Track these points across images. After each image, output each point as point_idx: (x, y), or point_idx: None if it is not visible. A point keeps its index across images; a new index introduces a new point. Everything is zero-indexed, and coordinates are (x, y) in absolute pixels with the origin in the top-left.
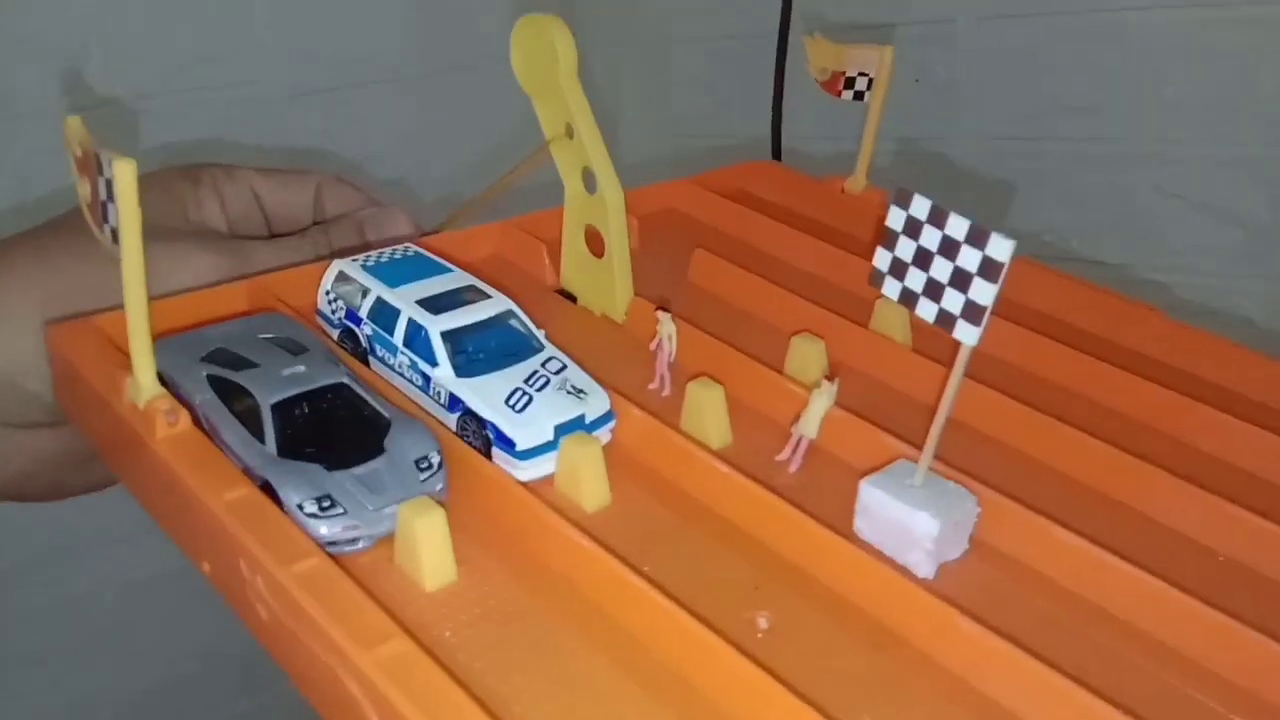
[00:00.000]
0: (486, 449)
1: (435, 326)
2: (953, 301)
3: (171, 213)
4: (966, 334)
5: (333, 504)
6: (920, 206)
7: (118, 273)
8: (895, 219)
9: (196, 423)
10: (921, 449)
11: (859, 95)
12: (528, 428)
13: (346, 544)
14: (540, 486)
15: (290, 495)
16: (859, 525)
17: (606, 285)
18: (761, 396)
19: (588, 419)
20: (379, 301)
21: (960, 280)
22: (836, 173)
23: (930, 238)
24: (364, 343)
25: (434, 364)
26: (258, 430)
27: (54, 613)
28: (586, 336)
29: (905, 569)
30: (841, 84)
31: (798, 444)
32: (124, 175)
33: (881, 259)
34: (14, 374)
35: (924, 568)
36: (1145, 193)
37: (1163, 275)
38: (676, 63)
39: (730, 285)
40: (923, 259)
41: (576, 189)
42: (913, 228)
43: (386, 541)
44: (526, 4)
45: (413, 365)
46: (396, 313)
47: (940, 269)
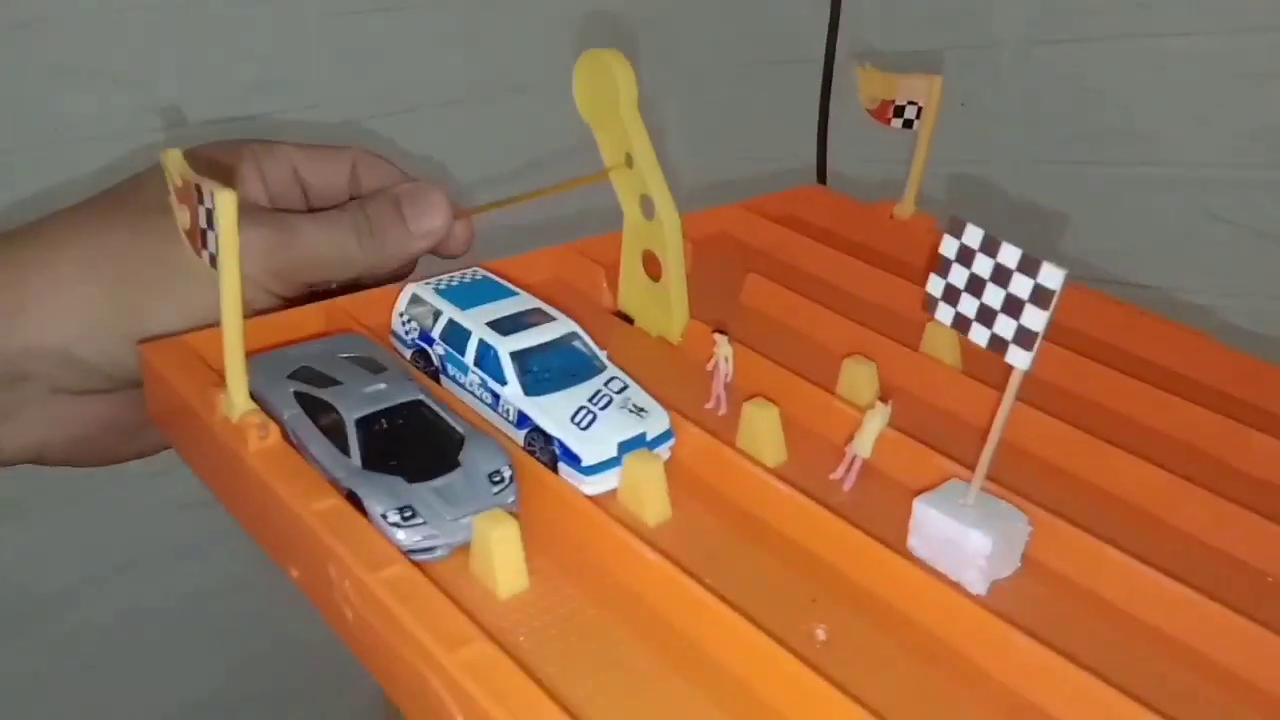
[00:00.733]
0: (553, 464)
1: (505, 347)
2: (1005, 327)
3: None
4: (1019, 359)
5: (414, 514)
6: (973, 235)
7: (168, 248)
8: (949, 247)
9: (285, 437)
10: (973, 469)
11: (908, 124)
12: (593, 444)
13: (425, 552)
14: (604, 501)
15: (375, 505)
16: (913, 543)
17: (663, 308)
18: (815, 417)
19: (649, 436)
20: (450, 323)
21: (1012, 307)
22: (881, 196)
23: (983, 265)
24: (436, 362)
25: (503, 383)
26: (342, 444)
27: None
28: (644, 357)
29: (959, 585)
30: (891, 112)
31: (851, 463)
32: (225, 205)
33: (935, 285)
34: (70, 345)
35: (977, 585)
36: (1192, 216)
37: (1209, 299)
38: (721, 88)
39: (782, 308)
40: (975, 286)
41: (635, 215)
42: (965, 256)
43: (461, 551)
44: (585, 35)
45: (483, 384)
46: (467, 334)
47: (993, 296)
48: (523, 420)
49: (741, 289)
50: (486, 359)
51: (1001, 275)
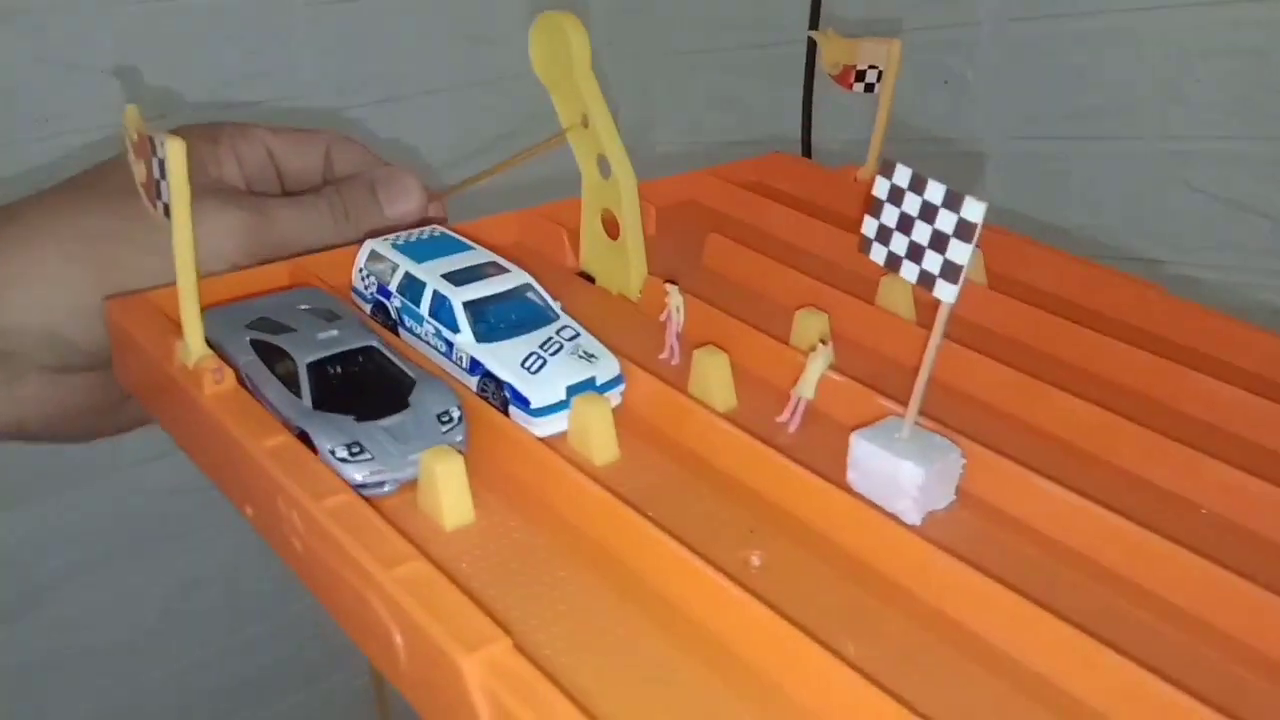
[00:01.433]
0: (504, 408)
1: (458, 297)
2: (932, 263)
3: (193, 171)
4: (945, 292)
5: (362, 450)
6: (902, 175)
7: (146, 227)
8: (880, 188)
9: (240, 382)
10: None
11: (869, 88)
12: (542, 387)
13: (374, 487)
14: (554, 442)
15: (324, 442)
16: (851, 477)
17: (621, 265)
18: (766, 365)
19: (598, 381)
20: (407, 276)
21: (939, 242)
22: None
23: (911, 204)
24: (394, 314)
25: (456, 330)
26: (295, 388)
27: (111, 608)
28: (603, 313)
29: (894, 516)
30: (853, 77)
31: (796, 405)
32: (175, 153)
33: (869, 226)
34: (51, 323)
35: (911, 515)
36: (1171, 189)
37: (1191, 269)
38: (707, 70)
39: (742, 267)
40: (905, 224)
41: (592, 175)
42: (896, 195)
43: (410, 488)
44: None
45: (437, 333)
46: (423, 285)
47: (921, 232)
48: (475, 366)
49: (703, 250)
50: (441, 309)
51: (928, 212)
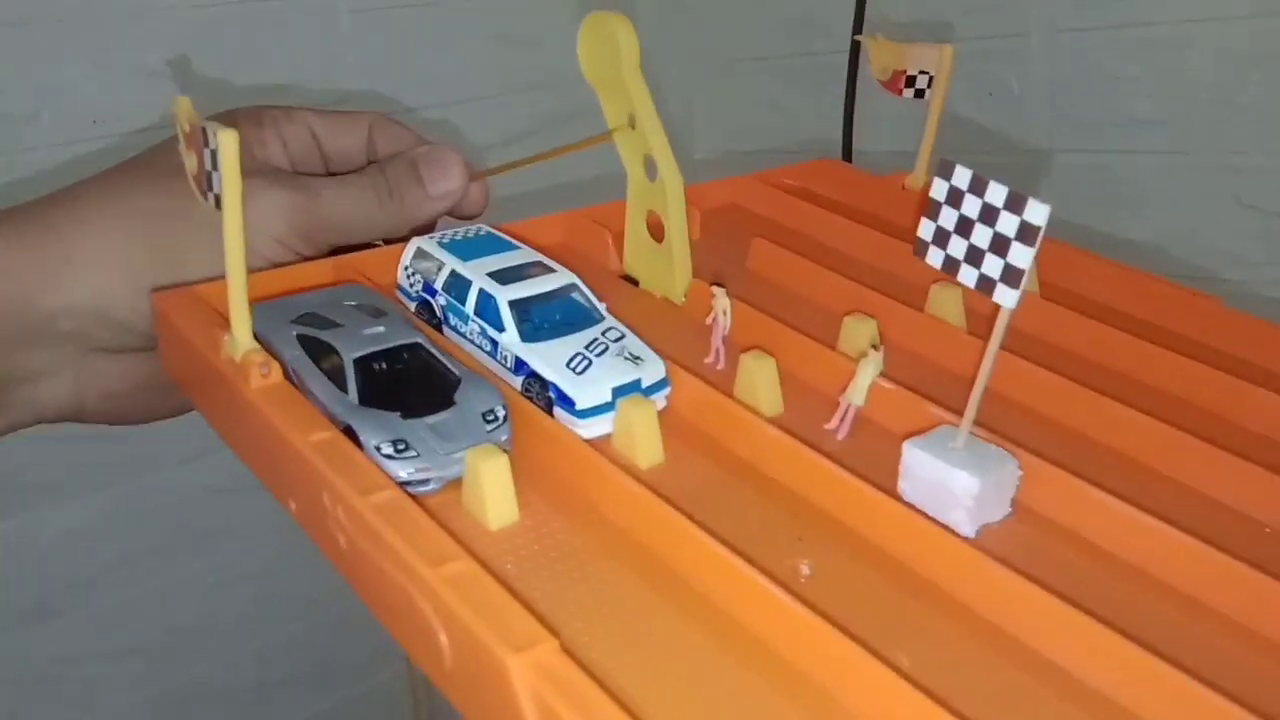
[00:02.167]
0: (549, 409)
1: (503, 295)
2: (992, 266)
3: (240, 154)
4: (1005, 297)
5: (407, 447)
6: (961, 176)
7: (196, 209)
8: (939, 190)
9: (286, 376)
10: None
11: (919, 93)
12: (587, 388)
13: (419, 484)
14: (598, 443)
15: (369, 438)
16: (903, 486)
17: (666, 268)
18: (813, 371)
19: (644, 383)
20: (453, 274)
21: (999, 245)
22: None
23: (971, 206)
24: (439, 313)
25: (501, 330)
26: (341, 383)
27: (149, 606)
28: (647, 316)
29: (947, 527)
30: (903, 83)
31: (845, 412)
32: (227, 144)
33: (925, 229)
34: (105, 306)
35: (965, 526)
36: (1221, 203)
37: (1240, 285)
38: (750, 76)
39: (787, 271)
40: (964, 227)
41: (638, 176)
42: (955, 197)
43: (455, 486)
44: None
45: (482, 332)
46: (468, 284)
47: (981, 236)
48: (520, 366)
49: (748, 254)
50: (486, 308)
51: (989, 214)
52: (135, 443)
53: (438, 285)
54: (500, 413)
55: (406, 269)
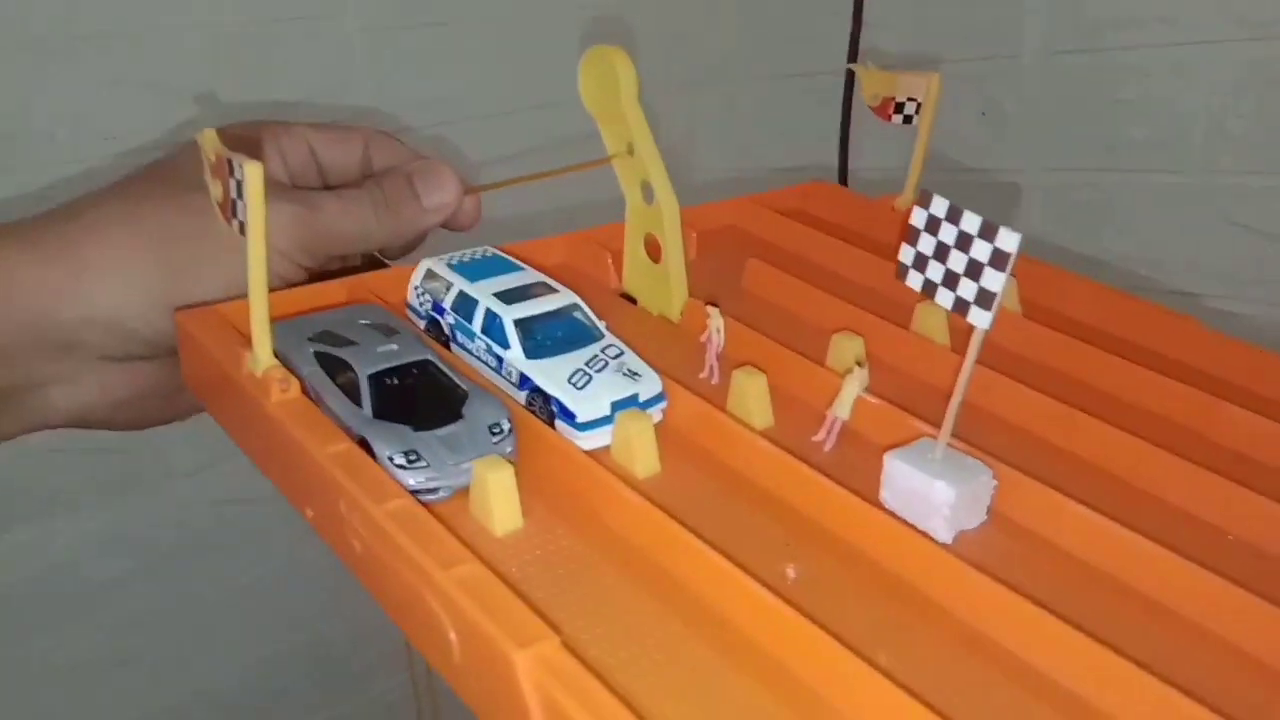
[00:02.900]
0: (551, 422)
1: (509, 315)
2: (967, 290)
3: None
4: (980, 319)
5: (418, 458)
6: (939, 205)
7: (208, 221)
8: (918, 217)
9: (304, 392)
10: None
11: (908, 119)
12: (587, 402)
13: (428, 493)
14: (598, 455)
15: (382, 449)
16: (884, 495)
17: (663, 288)
18: (803, 386)
19: (641, 398)
20: (461, 294)
21: (974, 270)
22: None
23: (948, 233)
24: (447, 331)
25: (506, 347)
26: (356, 397)
27: (159, 615)
28: (645, 333)
29: (926, 534)
30: (892, 109)
31: (832, 425)
32: (253, 177)
33: (906, 254)
34: (116, 315)
35: (942, 533)
36: (1212, 222)
37: (1231, 304)
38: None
39: (780, 291)
40: (941, 252)
41: (636, 200)
42: (933, 225)
43: (463, 495)
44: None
45: (488, 349)
46: (476, 303)
47: (956, 261)
48: (524, 381)
49: (743, 274)
50: (493, 326)
51: (964, 241)
52: (143, 455)
53: (446, 304)
54: (505, 425)
55: (416, 289)
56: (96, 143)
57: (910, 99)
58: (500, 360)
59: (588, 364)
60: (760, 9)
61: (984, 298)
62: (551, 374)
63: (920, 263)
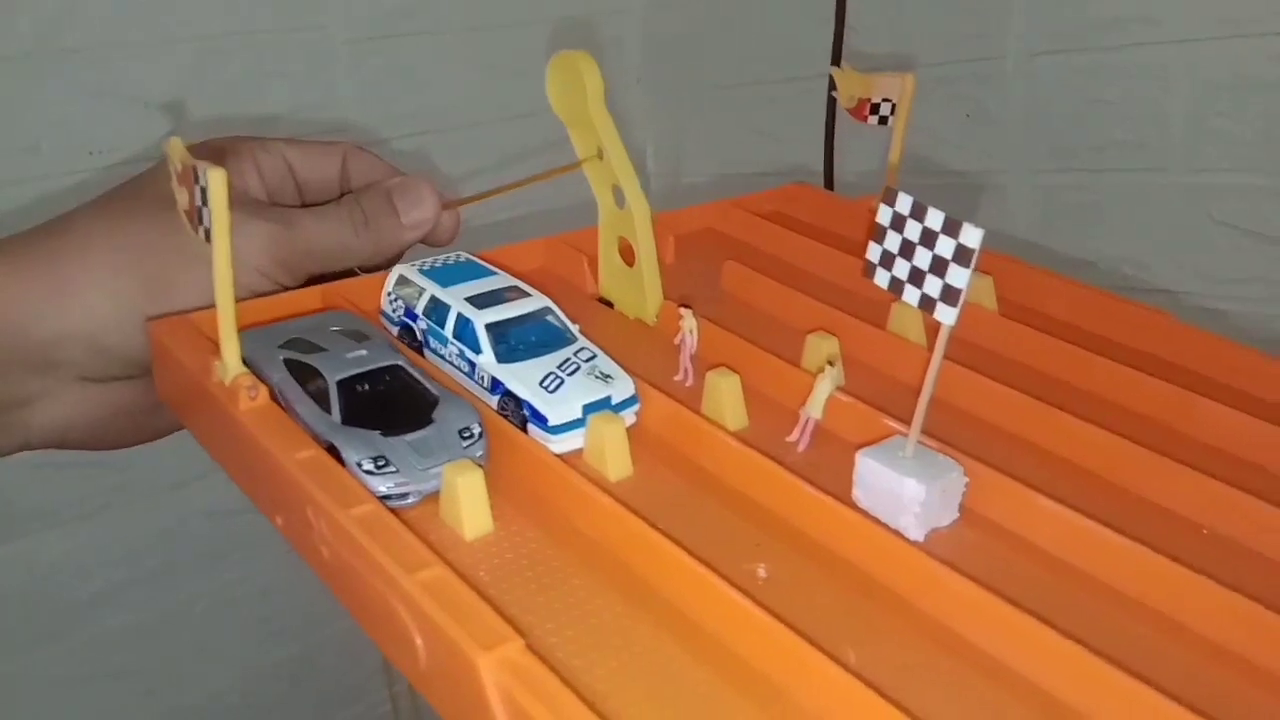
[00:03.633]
0: (523, 426)
1: (480, 319)
2: (933, 286)
3: None
4: (945, 315)
5: (387, 463)
6: (904, 203)
7: (185, 239)
8: (884, 215)
9: (274, 399)
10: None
11: (883, 120)
12: (559, 406)
13: (398, 498)
14: (570, 458)
15: (351, 455)
16: (856, 494)
17: (638, 291)
18: (777, 387)
19: (613, 400)
20: (433, 299)
21: (939, 267)
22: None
23: (913, 230)
24: (420, 336)
25: (478, 352)
26: (325, 404)
27: (146, 628)
28: (621, 336)
29: (897, 532)
30: (867, 110)
31: (805, 425)
32: (216, 183)
33: (873, 252)
34: (96, 334)
35: (914, 531)
36: (1197, 221)
37: (1216, 301)
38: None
39: (757, 293)
40: (907, 250)
41: (608, 204)
42: (898, 222)
43: (433, 500)
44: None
45: (461, 354)
46: (447, 309)
47: (921, 258)
48: (496, 386)
49: (720, 276)
50: (465, 331)
51: (929, 238)
52: (132, 467)
53: (419, 310)
54: (476, 430)
55: (389, 295)
56: (81, 155)
57: (885, 100)
58: (473, 365)
59: (560, 367)
60: (746, 14)
61: (949, 294)
62: (523, 378)
63: (887, 260)
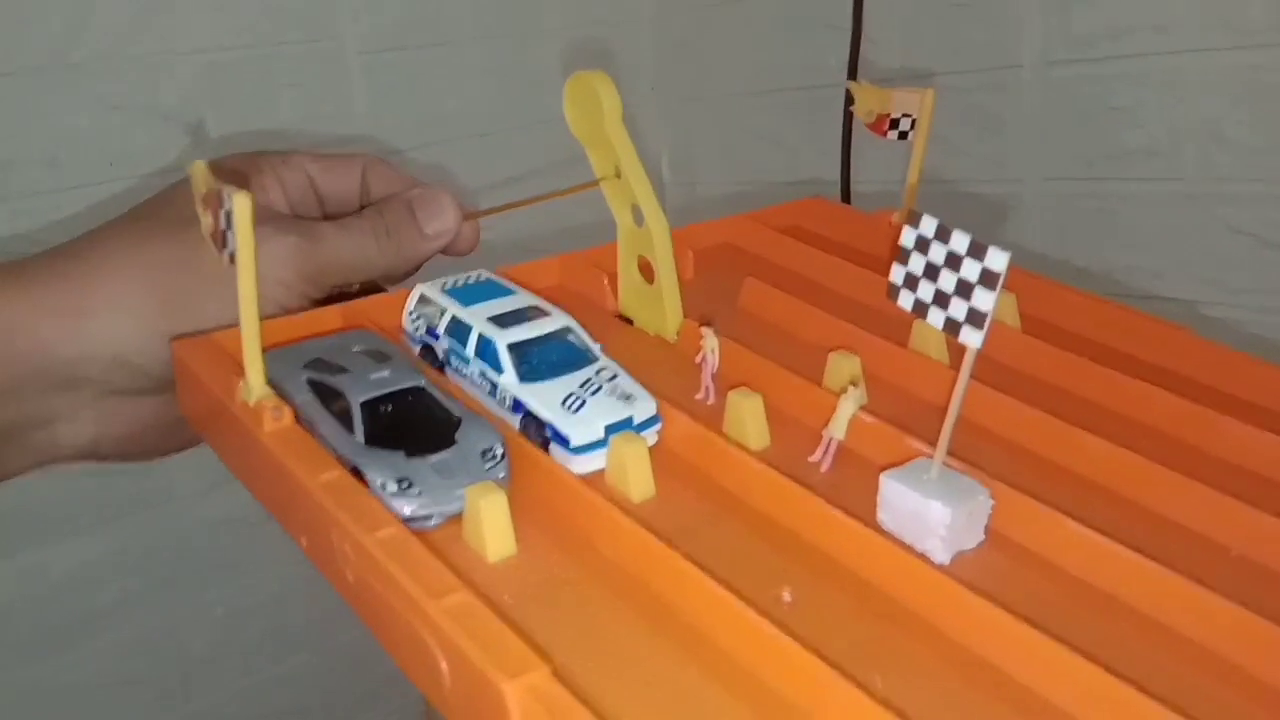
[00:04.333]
0: (545, 447)
1: (502, 339)
2: (958, 309)
3: None
4: (971, 338)
5: (411, 485)
6: (928, 225)
7: (207, 256)
8: (908, 237)
9: (298, 420)
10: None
11: (903, 135)
12: (581, 426)
13: (422, 520)
14: (592, 479)
15: (375, 476)
16: (881, 517)
17: (658, 309)
18: (800, 406)
19: (635, 420)
20: (454, 319)
21: (964, 290)
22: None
23: (937, 253)
24: (441, 355)
25: (500, 372)
26: (349, 425)
27: (161, 637)
28: (641, 354)
29: (923, 555)
30: (887, 125)
31: (828, 445)
32: (241, 207)
33: (896, 274)
34: (121, 353)
35: (939, 554)
36: (1213, 230)
37: (1232, 311)
38: (753, 113)
39: (777, 310)
40: (931, 272)
41: (627, 223)
42: (922, 244)
43: (456, 521)
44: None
45: (482, 374)
46: (469, 328)
47: (946, 281)
48: (517, 406)
49: (740, 292)
50: (486, 351)
51: (953, 261)
52: (146, 477)
53: (440, 329)
54: (499, 451)
55: (411, 314)
56: (100, 167)
57: (905, 115)
58: (494, 385)
59: (581, 387)
60: (760, 25)
61: (975, 317)
62: (545, 398)
63: (911, 283)
